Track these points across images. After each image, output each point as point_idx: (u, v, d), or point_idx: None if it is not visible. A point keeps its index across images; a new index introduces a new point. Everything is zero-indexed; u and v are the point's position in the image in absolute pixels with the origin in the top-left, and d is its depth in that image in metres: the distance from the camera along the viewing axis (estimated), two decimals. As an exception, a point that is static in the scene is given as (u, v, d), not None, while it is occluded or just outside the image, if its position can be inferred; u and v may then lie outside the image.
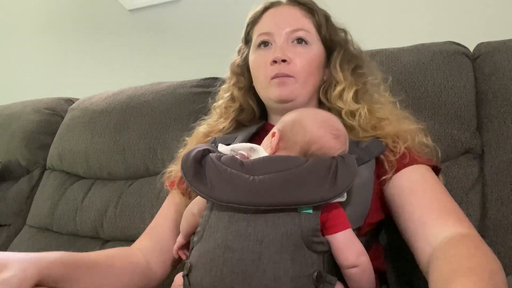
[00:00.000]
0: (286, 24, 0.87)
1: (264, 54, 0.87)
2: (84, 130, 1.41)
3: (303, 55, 0.85)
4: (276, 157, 0.71)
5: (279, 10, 0.91)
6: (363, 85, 0.88)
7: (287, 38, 0.86)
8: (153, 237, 0.91)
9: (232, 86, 0.96)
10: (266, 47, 0.88)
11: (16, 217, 1.48)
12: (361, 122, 0.82)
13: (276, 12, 0.91)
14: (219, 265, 0.62)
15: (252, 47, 0.91)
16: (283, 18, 0.88)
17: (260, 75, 0.87)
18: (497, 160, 0.95)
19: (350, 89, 0.85)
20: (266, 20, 0.90)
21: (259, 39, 0.89)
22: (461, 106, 1.00)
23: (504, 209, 0.91)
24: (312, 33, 0.88)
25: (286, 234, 0.62)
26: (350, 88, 0.85)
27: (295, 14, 0.89)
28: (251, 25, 0.93)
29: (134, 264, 0.83)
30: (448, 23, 1.32)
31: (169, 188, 0.95)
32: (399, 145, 0.78)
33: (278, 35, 0.86)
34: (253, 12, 0.94)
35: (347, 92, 0.85)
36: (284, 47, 0.85)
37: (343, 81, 0.86)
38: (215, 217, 0.66)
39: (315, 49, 0.87)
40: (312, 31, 0.88)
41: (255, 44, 0.90)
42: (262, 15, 0.92)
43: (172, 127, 1.28)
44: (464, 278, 0.54)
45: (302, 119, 0.74)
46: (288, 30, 0.86)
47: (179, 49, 1.76)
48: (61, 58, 2.04)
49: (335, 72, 0.87)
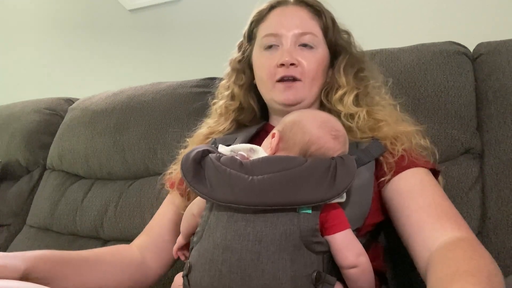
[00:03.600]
0: (294, 25, 0.86)
1: (270, 55, 0.86)
2: (84, 130, 1.41)
3: (310, 58, 0.85)
4: (275, 157, 0.71)
5: (287, 10, 0.89)
6: (364, 88, 0.87)
7: (294, 41, 0.85)
8: (149, 234, 0.91)
9: (232, 84, 0.95)
10: (271, 48, 0.87)
11: (16, 217, 1.48)
12: (359, 124, 0.82)
13: (283, 12, 0.89)
14: (218, 265, 0.62)
15: (257, 47, 0.90)
16: (291, 19, 0.87)
17: (264, 76, 0.86)
18: (497, 160, 0.95)
19: (351, 93, 0.85)
20: (273, 20, 0.89)
21: (266, 40, 0.87)
22: (461, 106, 1.00)
23: (504, 209, 0.91)
24: (319, 36, 0.87)
25: (285, 234, 0.62)
26: (351, 92, 0.85)
27: (303, 15, 0.88)
28: (256, 23, 0.92)
29: (127, 260, 0.84)
30: (448, 23, 1.32)
31: (169, 188, 0.95)
32: (397, 147, 0.78)
33: (285, 37, 0.85)
34: (258, 9, 0.92)
35: (348, 96, 0.85)
36: (291, 50, 0.84)
37: (345, 85, 0.86)
38: (214, 217, 0.66)
39: (321, 53, 0.87)
40: (319, 34, 0.87)
41: (261, 44, 0.88)
42: (268, 14, 0.90)
43: (172, 127, 1.28)
44: (462, 281, 0.54)
45: (302, 120, 0.74)
46: (296, 32, 0.85)
47: (179, 49, 1.76)
48: (61, 58, 2.04)
49: (339, 76, 0.87)
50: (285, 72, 0.83)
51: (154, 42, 1.82)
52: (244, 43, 0.95)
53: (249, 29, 0.94)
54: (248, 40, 0.94)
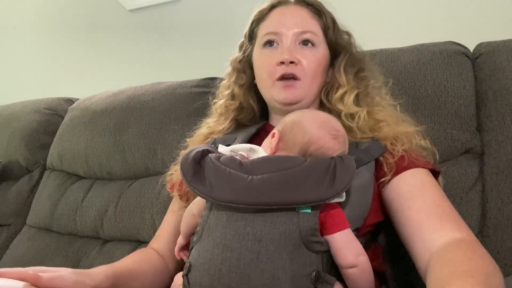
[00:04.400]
0: (294, 25, 0.86)
1: (270, 53, 0.86)
2: (84, 130, 1.41)
3: (310, 57, 0.85)
4: (275, 157, 0.71)
5: (287, 9, 0.90)
6: (365, 88, 0.87)
7: (294, 40, 0.85)
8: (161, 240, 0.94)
9: (232, 83, 0.96)
10: (272, 46, 0.87)
11: (16, 217, 1.48)
12: (359, 124, 0.82)
13: (283, 11, 0.89)
14: (217, 265, 0.62)
15: (257, 45, 0.90)
16: (291, 18, 0.87)
17: (264, 74, 0.87)
18: (497, 160, 0.95)
19: (351, 93, 0.85)
20: (274, 19, 0.89)
21: (266, 38, 0.88)
22: (461, 106, 1.00)
23: (504, 209, 0.90)
24: (319, 35, 0.87)
25: (285, 234, 0.62)
26: (351, 92, 0.85)
27: (303, 15, 0.88)
28: (257, 22, 0.92)
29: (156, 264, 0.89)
30: (448, 23, 1.32)
31: (169, 190, 0.95)
32: (397, 147, 0.78)
33: (286, 35, 0.86)
34: (259, 9, 0.93)
35: (348, 95, 0.85)
36: (291, 49, 0.84)
37: (346, 84, 0.86)
38: (214, 217, 0.66)
39: (321, 52, 0.87)
40: (319, 33, 0.88)
41: (261, 42, 0.89)
42: (269, 13, 0.91)
43: (172, 127, 1.28)
44: (460, 281, 0.54)
45: (301, 120, 0.74)
46: (296, 31, 0.86)
47: (179, 49, 1.76)
48: (61, 58, 2.04)
49: (339, 76, 0.87)
50: (284, 70, 0.83)
51: (154, 42, 1.82)
52: (245, 42, 0.96)
53: (250, 29, 0.94)
54: (249, 40, 0.95)
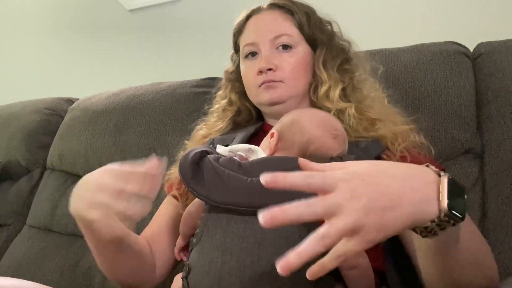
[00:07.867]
0: (268, 31, 0.88)
1: (251, 64, 0.89)
2: (84, 130, 1.41)
3: (289, 60, 0.86)
4: (274, 158, 0.71)
5: (260, 17, 0.91)
6: (350, 81, 0.87)
7: (271, 46, 0.87)
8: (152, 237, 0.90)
9: (228, 93, 0.98)
10: (253, 57, 0.89)
11: (16, 217, 1.48)
12: (350, 123, 0.81)
13: (257, 20, 0.91)
14: (217, 267, 0.62)
15: (241, 57, 0.93)
16: (264, 26, 0.89)
17: (249, 84, 0.89)
18: (497, 160, 0.95)
19: (336, 87, 0.85)
20: (250, 30, 0.92)
21: (245, 49, 0.90)
22: (461, 106, 1.00)
23: (504, 209, 0.91)
24: (295, 35, 0.88)
25: (285, 236, 0.62)
26: (335, 86, 0.85)
27: (276, 19, 0.89)
28: (237, 35, 0.95)
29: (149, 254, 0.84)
30: (448, 23, 1.32)
31: (167, 191, 0.95)
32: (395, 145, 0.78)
33: (262, 43, 0.87)
34: (237, 21, 0.95)
35: (333, 90, 0.85)
36: (268, 56, 0.86)
37: (327, 80, 0.86)
38: (213, 219, 0.66)
39: (301, 51, 0.88)
40: (295, 33, 0.88)
41: (243, 54, 0.91)
42: (246, 24, 0.93)
43: (172, 127, 1.28)
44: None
45: (300, 119, 0.74)
46: (271, 37, 0.87)
47: (179, 49, 1.76)
48: (61, 58, 2.03)
49: (319, 72, 0.87)
50: (264, 78, 0.85)
51: (154, 42, 1.81)
52: (233, 54, 0.99)
53: (233, 41, 0.97)
54: (236, 51, 0.98)
